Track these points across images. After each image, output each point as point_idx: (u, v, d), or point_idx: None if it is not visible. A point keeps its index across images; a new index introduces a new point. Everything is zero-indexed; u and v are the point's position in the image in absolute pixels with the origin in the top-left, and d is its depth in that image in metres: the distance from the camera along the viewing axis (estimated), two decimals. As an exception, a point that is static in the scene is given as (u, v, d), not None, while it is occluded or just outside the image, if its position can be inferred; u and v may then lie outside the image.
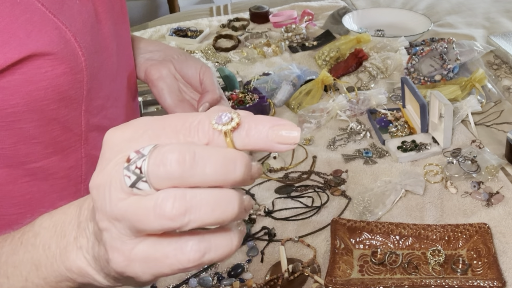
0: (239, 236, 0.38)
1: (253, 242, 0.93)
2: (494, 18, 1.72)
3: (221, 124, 0.36)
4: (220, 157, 0.35)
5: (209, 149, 0.35)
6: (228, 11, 1.92)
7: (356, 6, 1.86)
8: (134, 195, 0.35)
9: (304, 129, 1.23)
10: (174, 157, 0.34)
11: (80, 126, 0.68)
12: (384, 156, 1.13)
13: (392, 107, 1.28)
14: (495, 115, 1.25)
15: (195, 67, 0.86)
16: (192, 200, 0.34)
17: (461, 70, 1.38)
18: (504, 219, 0.95)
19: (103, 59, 0.69)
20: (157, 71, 0.85)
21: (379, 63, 1.43)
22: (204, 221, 0.34)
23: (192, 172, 0.34)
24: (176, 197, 0.34)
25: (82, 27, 0.64)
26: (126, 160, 0.35)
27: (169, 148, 0.34)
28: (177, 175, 0.34)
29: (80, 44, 0.63)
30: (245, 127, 0.36)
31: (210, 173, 0.34)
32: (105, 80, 0.71)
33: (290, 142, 0.36)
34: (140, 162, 0.34)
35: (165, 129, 0.37)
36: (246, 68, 1.50)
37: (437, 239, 0.91)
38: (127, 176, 0.34)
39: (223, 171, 0.35)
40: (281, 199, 1.04)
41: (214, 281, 0.87)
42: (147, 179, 0.34)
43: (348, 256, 0.89)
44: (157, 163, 0.34)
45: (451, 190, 1.02)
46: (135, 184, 0.34)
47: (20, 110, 0.60)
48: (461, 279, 0.82)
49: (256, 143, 0.36)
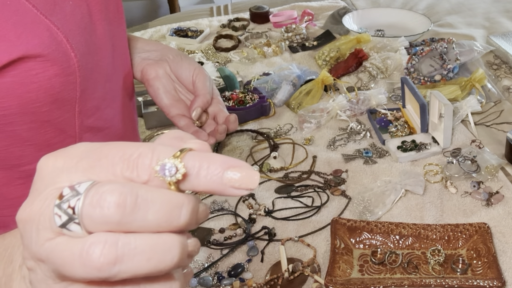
0: (181, 284, 0.34)
1: (253, 242, 0.94)
2: (494, 18, 1.72)
3: (164, 176, 0.32)
4: (164, 202, 0.31)
5: (153, 192, 0.31)
6: (229, 11, 1.92)
7: (356, 6, 1.86)
8: (63, 235, 0.31)
9: (304, 129, 1.23)
10: (114, 200, 0.30)
11: (74, 127, 0.68)
12: (384, 156, 1.14)
13: (392, 107, 1.28)
14: (495, 115, 1.25)
15: (189, 69, 0.87)
16: (124, 247, 0.30)
17: (461, 70, 1.38)
18: (503, 218, 0.95)
19: (97, 60, 0.69)
20: (153, 71, 0.86)
21: (379, 63, 1.43)
22: (136, 272, 0.30)
23: (132, 218, 0.30)
24: (106, 243, 0.30)
25: (75, 28, 0.63)
26: (59, 196, 0.31)
27: (109, 188, 0.30)
28: (114, 220, 0.30)
29: (73, 45, 0.62)
30: (195, 166, 0.32)
31: (151, 220, 0.31)
32: (99, 81, 0.70)
33: (247, 187, 0.33)
34: (74, 201, 0.30)
35: (101, 160, 0.32)
36: (246, 68, 1.50)
37: (437, 239, 0.91)
38: (57, 215, 0.30)
39: (167, 218, 0.31)
40: (281, 199, 1.04)
41: (214, 280, 0.87)
42: (80, 221, 0.30)
43: (348, 255, 0.89)
44: (93, 204, 0.30)
45: (451, 190, 1.02)
46: (65, 225, 0.30)
47: (12, 112, 0.60)
48: (461, 278, 0.82)
49: (206, 186, 0.32)
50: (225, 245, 0.94)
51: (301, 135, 1.22)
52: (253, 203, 1.03)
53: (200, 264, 0.90)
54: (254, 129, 1.24)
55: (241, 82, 1.39)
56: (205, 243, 0.94)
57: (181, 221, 0.31)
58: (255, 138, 1.22)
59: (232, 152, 1.18)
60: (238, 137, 1.23)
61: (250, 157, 1.16)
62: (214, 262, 0.90)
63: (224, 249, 0.93)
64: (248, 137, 1.23)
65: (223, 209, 1.02)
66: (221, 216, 1.01)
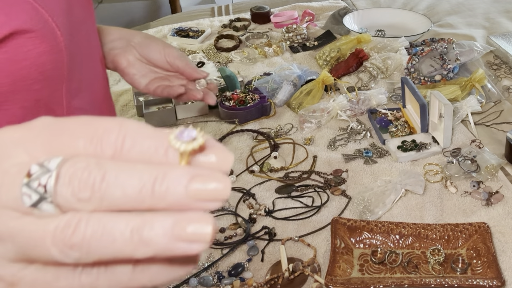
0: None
1: (253, 242, 0.94)
2: (494, 18, 1.72)
3: (180, 141, 0.28)
4: (142, 175, 0.28)
5: (127, 166, 0.28)
6: (230, 12, 1.93)
7: (357, 6, 1.86)
8: (29, 215, 0.29)
9: (304, 129, 1.23)
10: (87, 177, 0.28)
11: (63, 107, 0.69)
12: (384, 155, 1.14)
13: (392, 107, 1.28)
14: (494, 115, 1.26)
15: (158, 51, 0.88)
16: (105, 226, 0.28)
17: (461, 70, 1.39)
18: (503, 218, 0.96)
19: (77, 41, 0.70)
20: (124, 60, 0.87)
21: (379, 63, 1.43)
22: (104, 254, 0.28)
23: (106, 195, 0.28)
24: (81, 221, 0.28)
25: (56, 8, 0.65)
26: (26, 174, 0.28)
27: (83, 165, 0.28)
28: (86, 197, 0.28)
29: (58, 24, 0.63)
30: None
31: (126, 196, 0.28)
32: (80, 63, 0.72)
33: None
34: (44, 179, 0.28)
35: (63, 133, 0.30)
36: (247, 68, 1.51)
37: (437, 239, 0.91)
38: (26, 194, 0.28)
39: (138, 195, 0.28)
40: (282, 199, 1.04)
41: (214, 280, 0.87)
42: (53, 200, 0.28)
43: (348, 255, 0.89)
44: (66, 182, 0.28)
45: (451, 190, 1.03)
46: (36, 204, 0.28)
47: (5, 90, 0.61)
48: (461, 278, 0.83)
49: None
50: (225, 244, 0.94)
51: (302, 135, 1.22)
52: (254, 203, 1.03)
53: (200, 264, 0.90)
54: (255, 129, 1.24)
55: (242, 82, 1.39)
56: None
57: (164, 195, 0.28)
58: (256, 138, 1.22)
59: (232, 151, 1.18)
60: (238, 137, 1.23)
61: (250, 157, 1.16)
62: (215, 262, 0.90)
63: (224, 248, 0.93)
64: (249, 137, 1.23)
65: (224, 209, 1.02)
66: (221, 216, 1.01)
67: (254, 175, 1.11)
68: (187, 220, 0.27)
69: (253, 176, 1.10)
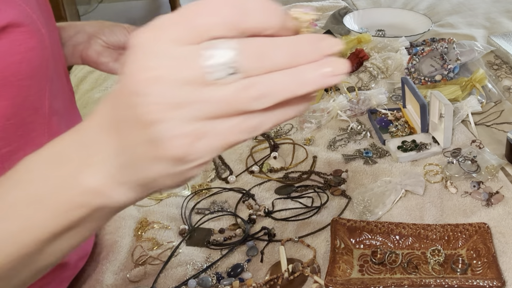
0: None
1: (252, 242, 0.94)
2: (495, 18, 1.72)
3: (299, 12, 0.37)
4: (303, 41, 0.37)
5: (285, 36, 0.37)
6: (229, 11, 1.92)
7: (357, 6, 1.86)
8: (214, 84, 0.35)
9: (304, 129, 1.23)
10: (261, 45, 0.35)
11: (45, 108, 0.69)
12: (384, 156, 1.14)
13: (392, 107, 1.28)
14: (495, 115, 1.25)
15: (122, 32, 0.89)
16: (276, 79, 0.35)
17: (462, 70, 1.38)
18: (503, 219, 0.95)
19: (53, 41, 0.70)
20: (93, 51, 0.88)
21: (379, 63, 1.43)
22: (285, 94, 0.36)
23: (276, 60, 0.35)
24: (262, 77, 0.35)
25: (36, 7, 0.66)
26: (206, 56, 0.34)
27: (255, 43, 0.35)
28: (262, 64, 0.35)
29: (41, 23, 0.64)
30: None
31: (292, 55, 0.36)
32: (57, 65, 0.72)
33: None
34: (223, 54, 0.34)
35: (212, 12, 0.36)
36: (246, 68, 1.50)
37: (437, 239, 0.91)
38: (209, 71, 0.34)
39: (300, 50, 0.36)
40: (281, 199, 1.04)
41: (213, 281, 0.87)
42: (236, 71, 0.34)
43: (348, 256, 0.89)
44: (247, 54, 0.34)
45: (451, 190, 1.02)
46: (222, 78, 0.34)
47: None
48: (461, 278, 0.82)
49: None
50: (224, 245, 0.94)
51: (302, 135, 1.22)
52: (253, 204, 1.03)
53: (199, 265, 0.90)
54: (255, 129, 1.24)
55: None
56: (204, 244, 0.94)
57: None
58: (255, 138, 1.22)
59: (232, 152, 1.18)
60: (238, 137, 1.23)
61: (250, 157, 1.16)
62: (214, 263, 0.90)
63: (223, 249, 0.93)
64: (249, 137, 1.23)
65: (223, 210, 1.02)
66: (221, 216, 1.01)
67: (254, 175, 1.10)
68: (329, 61, 0.37)
69: (252, 177, 1.10)
